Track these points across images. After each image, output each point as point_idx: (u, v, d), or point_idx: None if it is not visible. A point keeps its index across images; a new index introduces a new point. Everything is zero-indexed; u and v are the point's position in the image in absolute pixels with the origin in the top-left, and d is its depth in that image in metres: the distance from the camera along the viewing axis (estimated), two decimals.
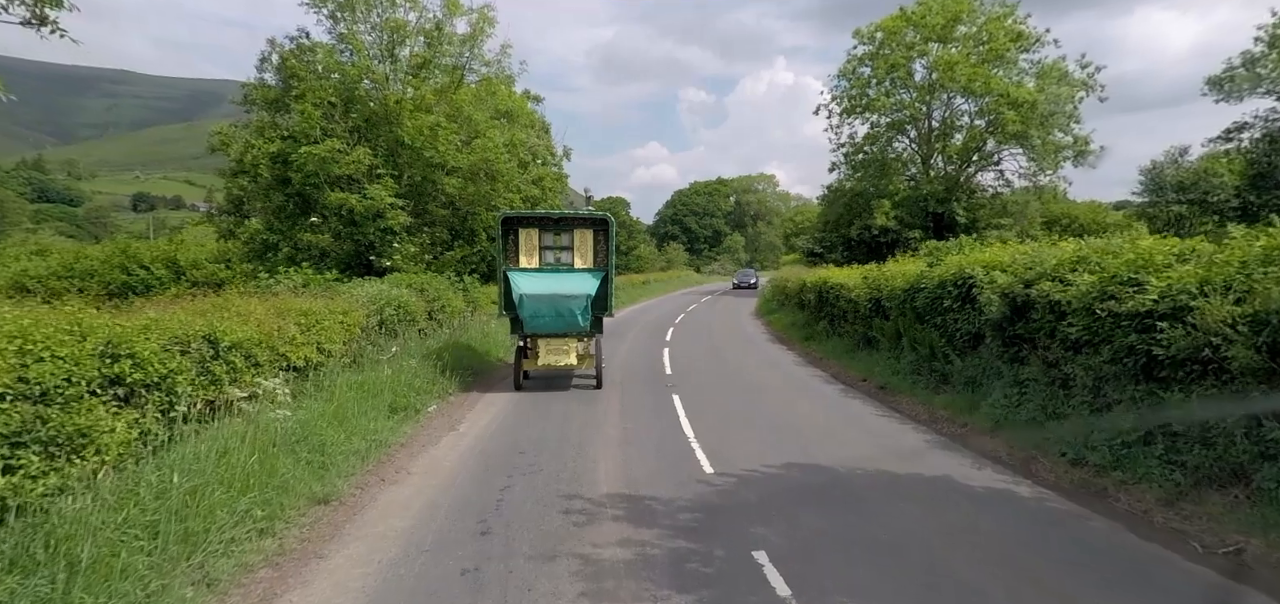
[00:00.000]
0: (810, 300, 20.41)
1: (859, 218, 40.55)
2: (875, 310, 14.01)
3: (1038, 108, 32.99)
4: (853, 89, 40.28)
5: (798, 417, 9.76)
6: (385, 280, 14.38)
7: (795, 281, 26.05)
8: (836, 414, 10.05)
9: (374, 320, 11.50)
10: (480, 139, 18.05)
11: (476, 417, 9.69)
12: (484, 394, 11.40)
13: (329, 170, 15.96)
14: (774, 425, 9.19)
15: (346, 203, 15.95)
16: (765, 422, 9.44)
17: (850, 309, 16.19)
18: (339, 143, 15.93)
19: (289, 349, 8.00)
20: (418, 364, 11.05)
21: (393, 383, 9.50)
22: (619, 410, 10.20)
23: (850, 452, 7.74)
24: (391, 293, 12.92)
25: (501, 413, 9.96)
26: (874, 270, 14.97)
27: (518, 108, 22.99)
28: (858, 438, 8.54)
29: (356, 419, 7.72)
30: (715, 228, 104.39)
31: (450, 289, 16.95)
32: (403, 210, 17.61)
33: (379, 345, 11.29)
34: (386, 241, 17.03)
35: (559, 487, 6.49)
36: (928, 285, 11.11)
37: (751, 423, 9.38)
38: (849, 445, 8.09)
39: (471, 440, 8.33)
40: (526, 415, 9.75)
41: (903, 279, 12.68)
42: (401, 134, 16.69)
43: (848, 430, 8.96)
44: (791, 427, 9.10)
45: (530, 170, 22.33)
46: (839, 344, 16.31)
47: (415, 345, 12.43)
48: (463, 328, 16.23)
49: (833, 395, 11.56)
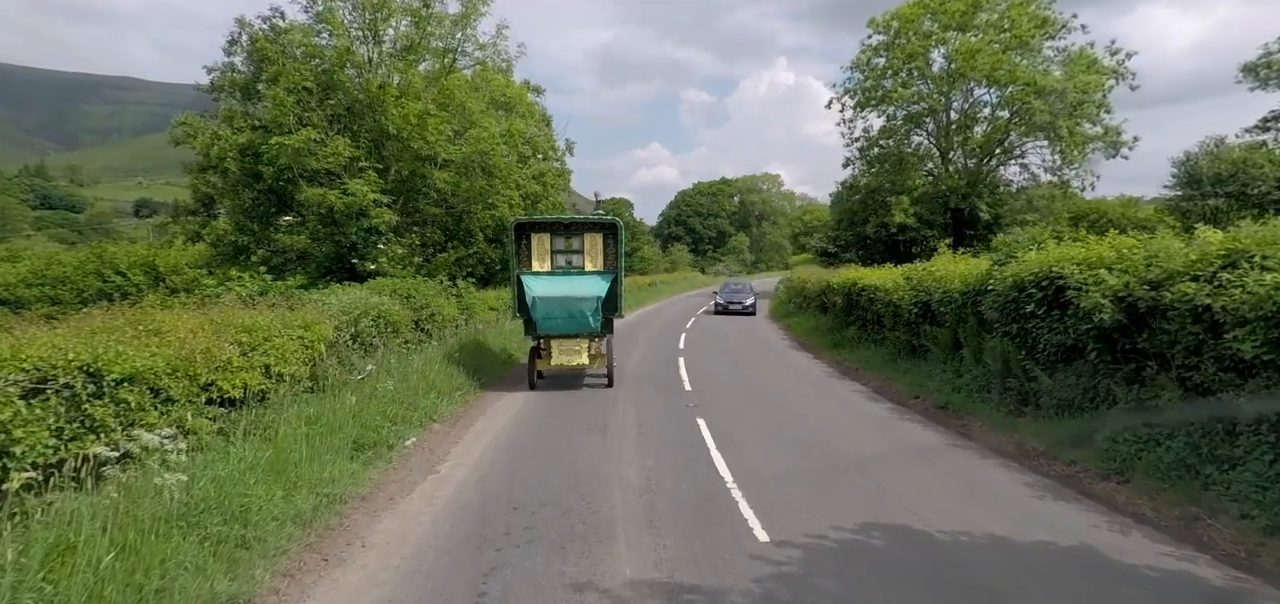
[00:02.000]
0: (836, 303, 18.66)
1: (875, 215, 38.81)
2: (923, 315, 12.27)
3: (1067, 97, 31.20)
4: (867, 81, 38.52)
5: (853, 448, 8.01)
6: (364, 286, 12.71)
7: (815, 282, 24.30)
8: (898, 444, 8.31)
9: (346, 334, 9.81)
10: (474, 129, 16.36)
11: (465, 450, 7.98)
12: (475, 420, 9.69)
13: (304, 164, 14.29)
14: (828, 463, 7.46)
15: (325, 199, 14.27)
16: (816, 457, 7.71)
17: (887, 313, 14.45)
18: (315, 132, 14.26)
19: (222, 377, 6.30)
20: (395, 386, 9.36)
21: (361, 412, 7.80)
22: (636, 440, 8.48)
23: (938, 504, 6.00)
24: (369, 301, 11.23)
25: (495, 444, 8.26)
26: (918, 270, 13.23)
27: (516, 97, 21.31)
28: (939, 482, 6.80)
29: (304, 466, 6.01)
30: (719, 228, 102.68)
31: (441, 295, 15.26)
32: (389, 208, 15.95)
33: (351, 364, 9.60)
34: (370, 243, 15.36)
35: (565, 568, 4.77)
36: (999, 287, 9.36)
37: (799, 458, 7.65)
38: (932, 493, 6.36)
39: (454, 488, 6.62)
40: (525, 449, 8.03)
41: (960, 280, 10.94)
42: (386, 123, 15.02)
43: (922, 470, 7.22)
44: (850, 463, 7.37)
45: (530, 165, 20.66)
46: (876, 353, 14.57)
47: (396, 363, 10.74)
48: (456, 339, 14.53)
49: (884, 418, 9.82)
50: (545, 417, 9.88)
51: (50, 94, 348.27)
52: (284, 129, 13.94)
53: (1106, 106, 32.53)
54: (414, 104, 15.26)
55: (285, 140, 13.61)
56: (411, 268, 16.57)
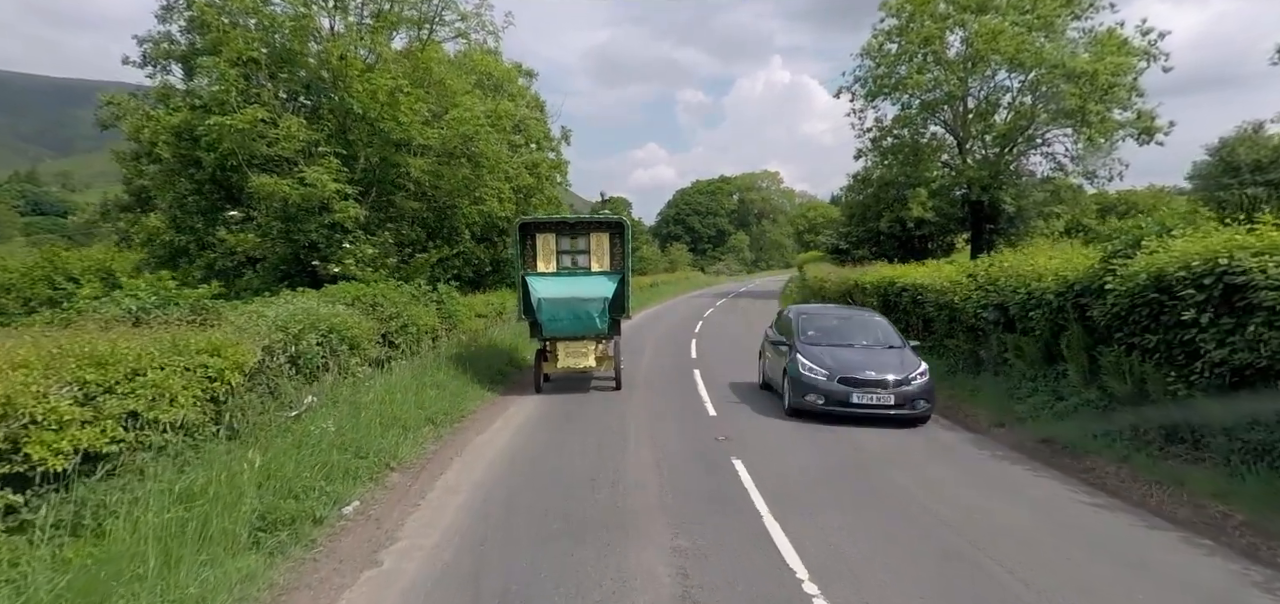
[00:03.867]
0: (870, 306, 16.46)
1: (890, 209, 36.63)
2: (999, 320, 10.10)
3: (1098, 79, 29.08)
4: (879, 68, 36.38)
5: (960, 515, 5.83)
6: (317, 294, 10.50)
7: (837, 281, 22.17)
8: (1005, 498, 6.16)
9: (280, 358, 7.60)
10: (455, 110, 14.15)
11: (425, 522, 5.77)
12: (448, 466, 7.48)
13: (253, 149, 12.07)
14: (941, 547, 5.27)
15: (277, 191, 12.04)
16: (921, 536, 5.52)
17: (940, 317, 12.31)
18: (264, 111, 12.03)
19: (32, 438, 4.11)
20: (339, 425, 7.15)
21: (277, 473, 5.59)
22: (659, 499, 6.29)
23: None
24: (318, 312, 9.02)
25: (468, 509, 6.05)
26: (987, 265, 11.08)
27: (505, 77, 19.08)
28: (1099, 572, 4.64)
29: (150, 582, 3.81)
30: (719, 227, 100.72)
31: (416, 301, 13.06)
32: (356, 201, 13.73)
33: (287, 397, 7.40)
34: (334, 242, 13.14)
35: None
36: (1123, 285, 7.20)
37: (883, 526, 5.48)
38: (1096, 596, 4.22)
39: (398, 599, 4.43)
40: (505, 529, 5.83)
41: (1053, 276, 8.77)
42: (350, 102, 12.80)
43: (1067, 547, 5.06)
44: (951, 532, 5.20)
45: (521, 153, 18.46)
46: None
47: (350, 390, 8.52)
48: (434, 354, 12.32)
49: (970, 455, 7.65)
50: (537, 458, 7.67)
51: (46, 100, 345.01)
52: (227, 108, 11.70)
53: (1138, 90, 30.44)
54: (383, 78, 13.03)
55: (226, 121, 11.37)
56: (385, 270, 14.35)
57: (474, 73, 17.93)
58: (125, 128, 12.75)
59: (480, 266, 22.62)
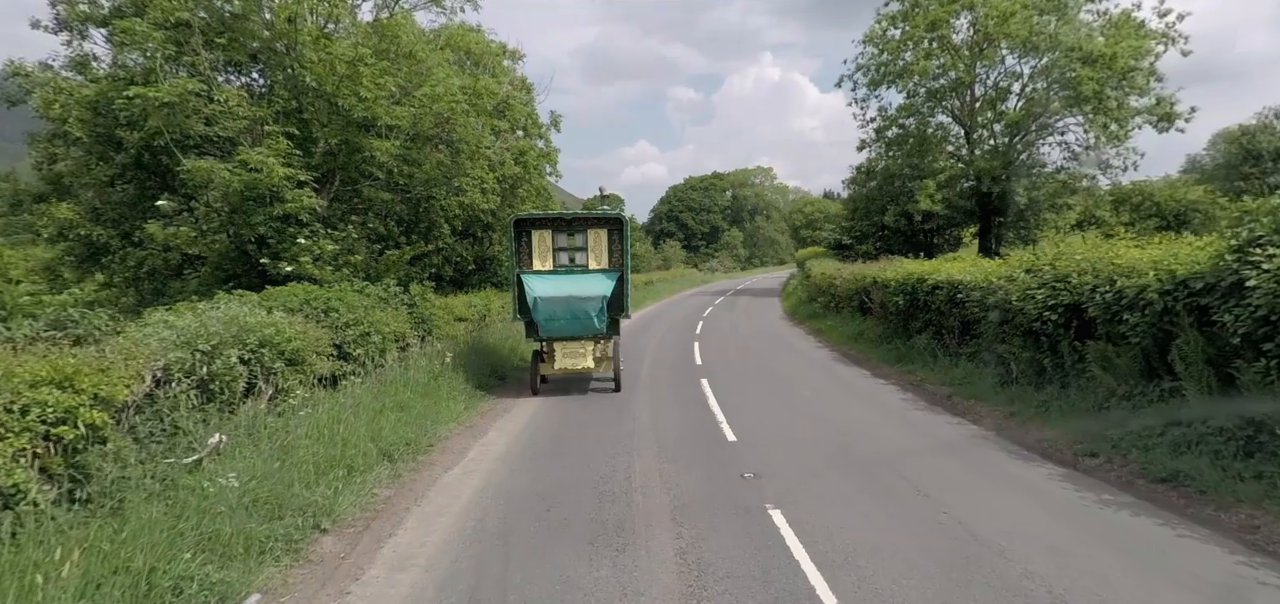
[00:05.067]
0: (896, 305, 14.83)
1: (895, 202, 35.08)
2: (1066, 323, 8.45)
3: (1117, 63, 27.58)
4: (882, 55, 34.79)
5: (1091, 595, 4.17)
6: (258, 297, 8.73)
7: (850, 278, 20.52)
8: (1160, 575, 4.50)
9: (181, 387, 5.84)
10: (427, 87, 12.37)
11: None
12: (400, 524, 5.73)
13: (185, 127, 10.25)
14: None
15: (215, 176, 10.22)
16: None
17: (987, 319, 10.67)
18: (197, 82, 10.20)
19: None
20: (250, 480, 5.39)
21: (123, 566, 3.83)
22: (676, 566, 4.60)
23: None
24: (247, 320, 7.26)
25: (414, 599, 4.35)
26: (1052, 256, 9.43)
27: (484, 51, 17.26)
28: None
29: None
30: (712, 223, 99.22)
31: (383, 304, 11.30)
32: (315, 191, 11.92)
33: (184, 437, 5.63)
34: (287, 236, 11.35)
35: None
36: (1269, 282, 5.55)
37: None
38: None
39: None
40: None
41: (1156, 271, 7.12)
42: (302, 73, 10.99)
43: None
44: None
45: (504, 138, 16.68)
46: (971, 373, 10.78)
47: (278, 421, 6.75)
48: (403, 366, 10.56)
49: (1076, 502, 5.98)
50: (516, 504, 5.94)
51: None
52: (153, 79, 9.87)
53: (1157, 75, 28.97)
54: (342, 45, 11.22)
55: (150, 93, 9.55)
56: (349, 269, 12.56)
57: (453, 49, 16.13)
58: (35, 103, 10.91)
59: (462, 264, 20.81)
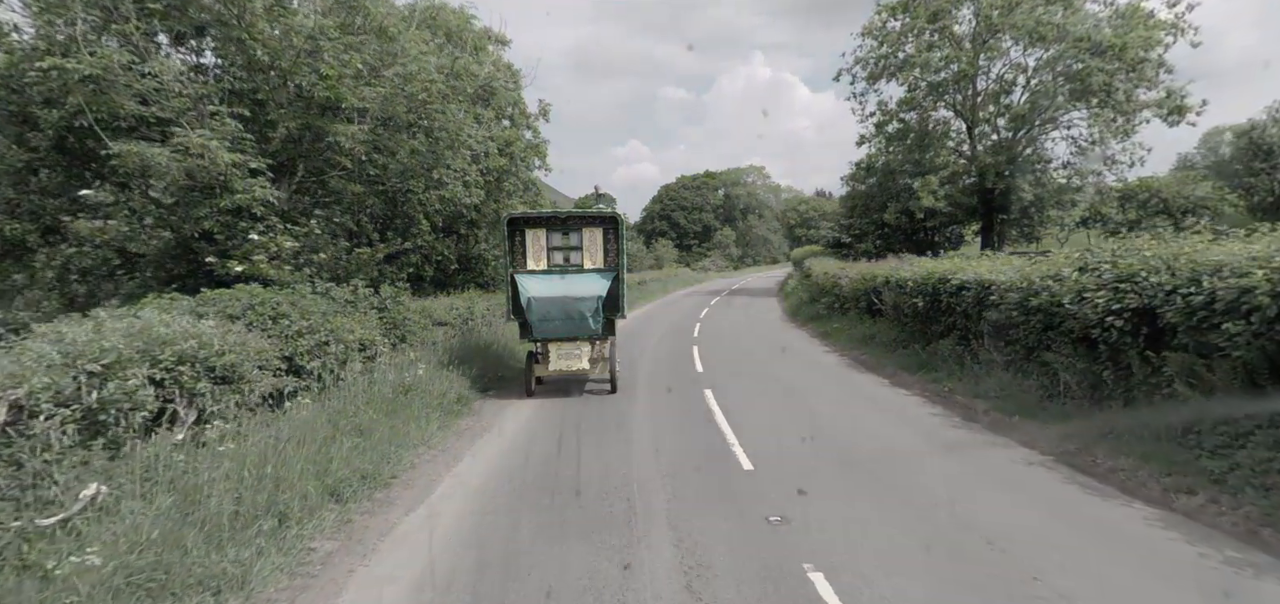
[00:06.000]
0: (913, 307, 13.68)
1: (896, 199, 33.99)
2: (1137, 331, 7.27)
3: (1127, 53, 26.63)
4: (882, 47, 33.71)
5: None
6: (179, 303, 7.40)
7: (854, 279, 19.36)
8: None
9: (55, 419, 4.52)
10: (399, 65, 11.05)
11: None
12: (335, 599, 4.47)
13: (115, 105, 8.88)
14: None
15: (151, 161, 8.86)
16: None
17: (1028, 324, 9.51)
18: (126, 53, 8.84)
19: None
20: (127, 551, 4.07)
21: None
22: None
23: None
24: (160, 333, 5.95)
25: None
26: (1112, 251, 8.27)
27: (461, 25, 15.91)
28: None
29: None
30: (705, 222, 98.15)
31: (346, 310, 9.99)
32: (272, 181, 10.58)
33: (46, 488, 4.32)
34: (238, 231, 10.00)
35: None
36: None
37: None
38: None
39: None
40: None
41: (1265, 267, 5.94)
42: (252, 46, 9.64)
43: None
44: None
45: (488, 126, 15.37)
46: (1005, 384, 9.62)
47: (188, 463, 5.42)
48: (368, 379, 9.23)
49: (1183, 558, 4.79)
50: (489, 566, 4.66)
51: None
52: (73, 49, 8.50)
53: (1167, 67, 28.05)
54: (300, 16, 9.88)
55: (68, 65, 8.18)
56: (312, 268, 11.22)
57: (430, 29, 14.80)
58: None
59: (444, 264, 19.45)
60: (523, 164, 18.36)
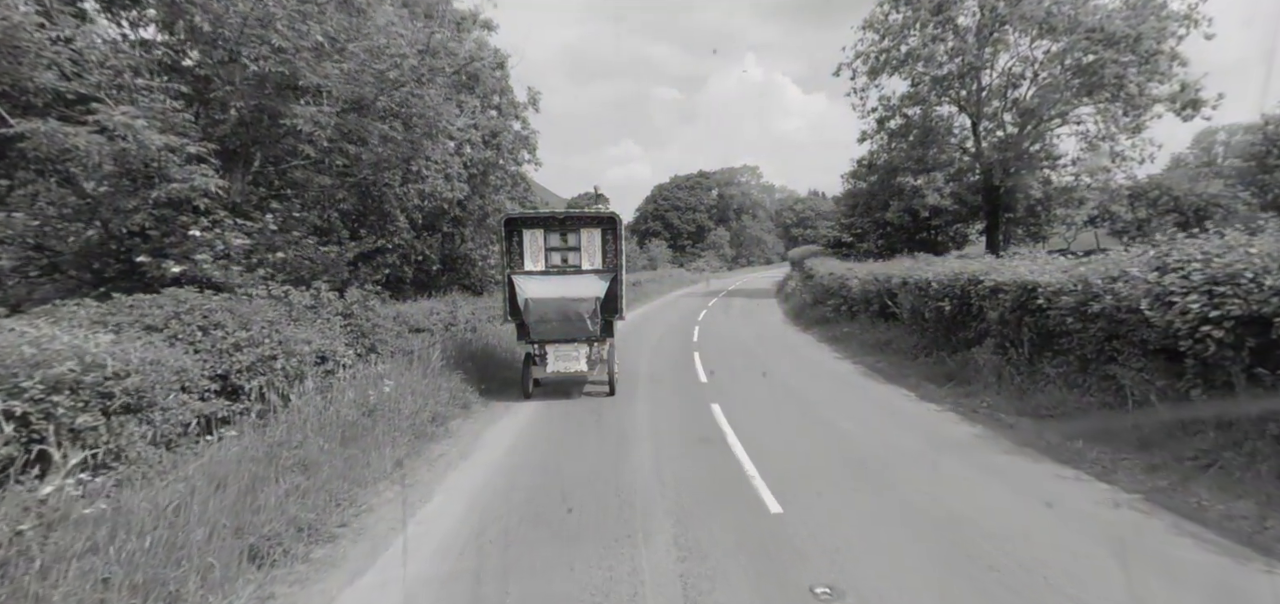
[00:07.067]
0: (938, 312, 12.47)
1: (898, 197, 32.87)
2: (1241, 343, 6.06)
3: (1141, 44, 25.61)
4: (883, 40, 32.62)
5: None
6: (69, 313, 6.06)
7: (864, 279, 18.19)
8: None
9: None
10: (364, 37, 9.73)
11: None
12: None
13: (24, 78, 7.53)
14: None
15: (68, 143, 7.51)
16: None
17: (1087, 332, 8.32)
18: (36, 16, 7.48)
19: None
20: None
21: None
22: None
23: None
24: (23, 351, 4.62)
25: None
26: (1200, 245, 7.07)
27: (442, 3, 14.57)
28: None
29: None
30: (699, 223, 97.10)
31: (306, 316, 8.66)
32: (221, 170, 9.23)
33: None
34: (176, 226, 8.64)
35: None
36: None
37: None
38: None
39: None
40: None
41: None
42: (190, 10, 8.29)
43: None
44: None
45: (470, 113, 14.05)
46: (1057, 400, 8.42)
47: (29, 535, 4.09)
48: (324, 400, 7.88)
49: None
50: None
51: None
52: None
53: (1181, 59, 27.04)
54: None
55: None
56: (267, 269, 9.87)
57: (408, 6, 13.47)
58: None
59: (426, 264, 18.10)
60: (511, 157, 17.03)
